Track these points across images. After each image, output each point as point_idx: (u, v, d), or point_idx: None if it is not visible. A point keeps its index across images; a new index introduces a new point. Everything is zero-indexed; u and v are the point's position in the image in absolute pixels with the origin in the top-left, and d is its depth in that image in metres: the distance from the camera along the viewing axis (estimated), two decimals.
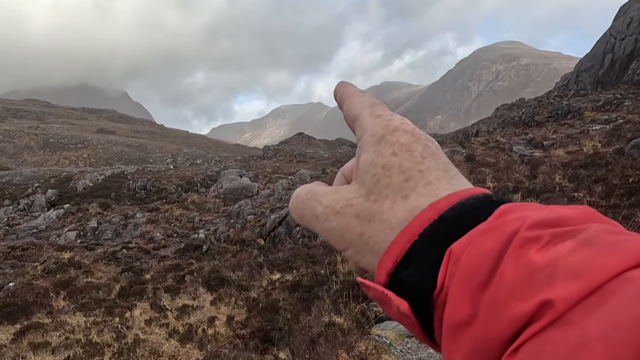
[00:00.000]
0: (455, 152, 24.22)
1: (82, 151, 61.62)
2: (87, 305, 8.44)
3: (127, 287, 9.26)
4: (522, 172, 17.23)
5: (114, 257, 12.23)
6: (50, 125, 73.97)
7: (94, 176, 29.10)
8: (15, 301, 8.69)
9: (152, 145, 68.88)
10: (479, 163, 20.30)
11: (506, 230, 0.33)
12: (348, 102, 0.45)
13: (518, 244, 0.32)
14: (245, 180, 25.33)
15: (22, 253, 13.04)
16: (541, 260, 0.31)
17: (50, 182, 29.47)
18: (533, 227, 0.33)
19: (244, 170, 29.44)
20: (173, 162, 46.48)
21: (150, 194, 26.12)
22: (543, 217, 0.34)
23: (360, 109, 0.44)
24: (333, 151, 46.76)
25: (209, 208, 19.69)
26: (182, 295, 8.80)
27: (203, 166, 35.53)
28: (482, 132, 33.50)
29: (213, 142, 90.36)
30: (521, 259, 0.31)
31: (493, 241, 0.33)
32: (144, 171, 30.98)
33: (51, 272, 10.82)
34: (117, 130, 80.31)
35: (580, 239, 0.31)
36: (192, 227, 15.89)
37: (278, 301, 7.93)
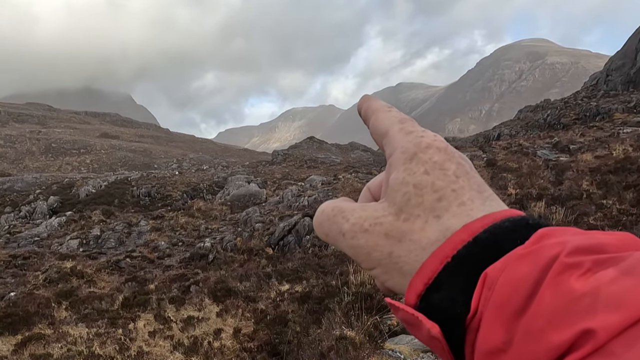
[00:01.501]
0: (475, 157, 24.13)
1: (85, 156, 62.55)
2: (90, 316, 8.59)
3: (131, 298, 9.40)
4: (546, 178, 17.11)
5: (117, 267, 12.41)
6: (52, 130, 75.27)
7: (96, 182, 29.54)
8: (16, 311, 8.87)
9: (157, 150, 69.66)
10: (501, 168, 20.21)
11: (545, 256, 0.33)
12: (375, 117, 0.45)
13: (558, 270, 0.32)
14: (253, 186, 25.49)
15: (23, 262, 13.29)
16: (582, 288, 0.31)
17: (52, 188, 29.97)
18: (573, 253, 0.33)
19: (252, 176, 29.63)
20: (178, 168, 46.95)
21: (154, 200, 26.43)
22: (583, 243, 0.33)
23: (389, 125, 0.44)
24: (345, 156, 46.82)
25: (216, 216, 19.87)
26: (187, 306, 8.91)
27: (209, 172, 35.84)
28: (504, 136, 33.31)
29: (220, 147, 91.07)
30: (561, 286, 0.32)
31: (531, 266, 0.33)
32: (149, 177, 31.37)
33: (53, 281, 11.03)
34: (121, 134, 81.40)
35: (622, 267, 0.31)
36: (198, 236, 16.05)
37: (287, 313, 7.99)
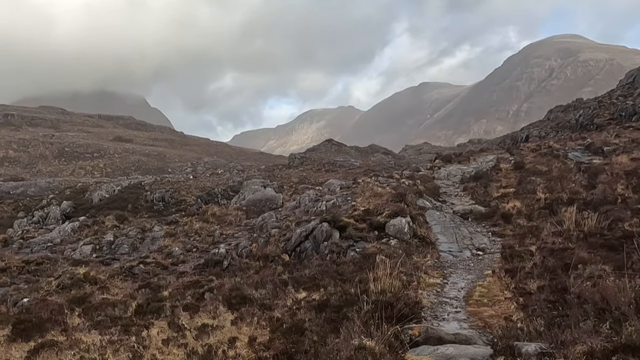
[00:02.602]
0: (502, 160, 23.85)
1: (98, 160, 63.74)
2: (103, 323, 8.75)
3: (144, 305, 9.55)
4: (578, 181, 16.82)
5: (131, 273, 12.63)
6: (65, 134, 76.91)
7: (110, 187, 30.08)
8: (29, 317, 9.09)
9: (171, 153, 70.58)
10: (529, 172, 19.94)
11: None
12: None
13: None
14: (270, 191, 25.63)
15: (36, 268, 13.62)
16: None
17: (65, 193, 30.62)
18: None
19: (268, 180, 29.79)
20: (193, 172, 47.45)
21: (168, 205, 26.79)
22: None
23: None
24: (365, 159, 46.73)
25: (231, 221, 20.05)
26: (202, 313, 9.00)
27: (224, 176, 36.17)
28: (533, 137, 32.85)
29: (235, 150, 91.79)
30: None
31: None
32: (162, 182, 31.82)
33: (66, 287, 11.27)
34: (135, 138, 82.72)
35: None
36: (213, 242, 16.22)
37: (304, 322, 8.01)
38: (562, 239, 9.95)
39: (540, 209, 14.12)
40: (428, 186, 19.58)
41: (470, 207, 16.32)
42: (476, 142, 63.94)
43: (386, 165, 39.96)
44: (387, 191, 18.20)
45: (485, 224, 14.47)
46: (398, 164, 41.50)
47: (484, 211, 15.57)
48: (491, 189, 18.41)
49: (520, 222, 13.40)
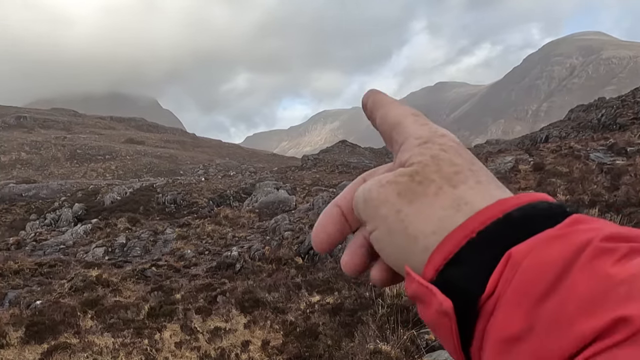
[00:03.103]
0: (521, 161, 23.67)
1: (110, 163, 64.53)
2: (116, 326, 8.87)
3: (157, 308, 9.66)
4: (600, 183, 16.63)
5: (143, 275, 12.77)
6: (77, 136, 78.03)
7: (122, 189, 30.44)
8: (42, 320, 9.25)
9: (183, 155, 71.21)
10: (549, 173, 19.76)
11: (578, 239, 0.33)
12: (385, 109, 0.48)
13: (592, 254, 0.32)
14: (282, 193, 25.74)
15: (49, 270, 13.84)
16: (618, 275, 0.31)
17: (77, 195, 31.07)
18: (608, 239, 0.33)
19: (280, 182, 29.91)
20: (204, 174, 47.80)
21: (180, 208, 27.03)
22: (619, 231, 0.34)
23: (402, 116, 0.46)
24: (380, 160, 46.66)
25: (243, 223, 20.18)
26: (214, 317, 9.09)
27: (236, 178, 36.40)
28: (553, 138, 32.54)
29: (247, 152, 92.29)
30: (595, 271, 0.32)
31: (562, 249, 0.33)
32: (174, 184, 32.12)
33: (78, 290, 11.44)
34: (147, 140, 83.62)
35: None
36: (225, 244, 16.34)
37: (317, 326, 8.04)
38: None
39: None
40: None
41: None
42: (494, 142, 63.45)
43: None
44: None
45: None
46: None
47: None
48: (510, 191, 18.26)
49: None
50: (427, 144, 0.42)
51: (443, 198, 0.39)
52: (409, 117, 0.46)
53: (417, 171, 0.41)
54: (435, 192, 0.40)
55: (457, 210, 0.39)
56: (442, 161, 0.41)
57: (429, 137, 0.43)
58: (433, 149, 0.42)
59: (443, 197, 0.39)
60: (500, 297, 0.34)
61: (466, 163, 0.41)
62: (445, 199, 0.39)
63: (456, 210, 0.39)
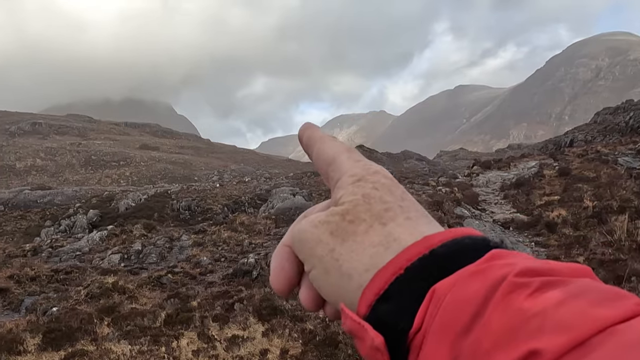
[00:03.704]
0: (545, 166, 23.38)
1: (125, 169, 65.38)
2: (132, 333, 8.97)
3: (173, 315, 9.75)
4: (629, 188, 16.36)
5: (159, 282, 12.89)
6: (92, 142, 79.27)
7: (136, 195, 30.81)
8: (59, 327, 9.39)
9: (197, 161, 71.83)
10: (576, 178, 19.49)
11: (494, 275, 0.36)
12: (320, 145, 0.51)
13: (506, 290, 0.34)
14: (299, 199, 25.80)
15: (65, 276, 14.05)
16: (530, 309, 0.33)
17: (91, 202, 31.52)
18: (522, 273, 0.35)
19: (297, 188, 29.98)
20: (219, 180, 48.13)
21: (194, 214, 27.26)
22: (532, 266, 0.36)
23: (336, 153, 0.49)
24: (397, 166, 46.52)
25: (259, 230, 20.26)
26: (232, 324, 9.14)
27: (252, 184, 36.58)
28: (578, 142, 32.11)
29: (262, 158, 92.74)
30: (509, 305, 0.34)
31: (479, 285, 0.35)
32: (189, 190, 32.41)
33: (95, 297, 11.59)
34: (161, 146, 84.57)
35: (570, 289, 0.33)
36: (241, 251, 16.42)
37: (337, 334, 8.03)
38: (612, 250, 9.70)
39: (587, 217, 13.79)
40: (466, 194, 19.36)
41: (512, 216, 16.06)
42: (516, 147, 62.85)
43: (420, 172, 39.69)
44: (423, 199, 18.08)
45: (527, 234, 14.22)
46: (433, 170, 41.16)
47: (526, 220, 15.30)
48: (534, 197, 18.08)
49: (566, 232, 13.11)
50: (360, 182, 0.45)
51: (373, 235, 0.42)
52: (343, 154, 0.48)
53: (348, 210, 0.44)
54: (365, 230, 0.42)
55: (386, 247, 0.41)
56: (372, 199, 0.44)
57: (362, 175, 0.46)
58: (365, 187, 0.45)
59: (373, 234, 0.42)
60: (427, 332, 0.36)
61: (396, 200, 0.44)
62: (375, 237, 0.42)
63: (385, 248, 0.41)
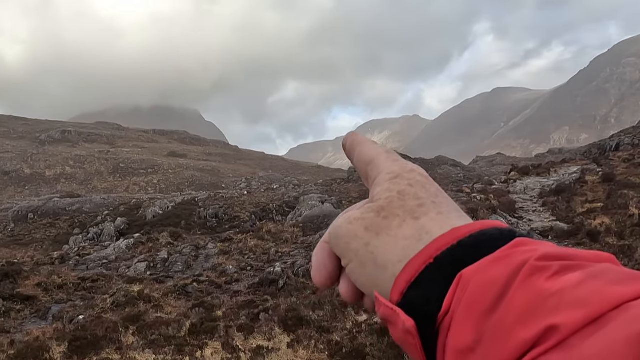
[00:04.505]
0: (588, 171, 22.78)
1: (152, 176, 66.72)
2: (157, 342, 9.13)
3: (198, 324, 9.88)
4: None
5: (185, 291, 13.09)
6: (120, 150, 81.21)
7: (164, 203, 31.41)
8: (85, 335, 9.65)
9: (225, 168, 72.75)
10: (620, 184, 18.94)
11: (516, 260, 0.41)
12: (361, 148, 0.57)
13: (528, 272, 0.39)
14: (328, 206, 25.82)
15: (92, 284, 14.42)
16: (550, 288, 0.38)
17: (119, 209, 32.28)
18: (543, 258, 0.40)
19: (325, 195, 30.01)
20: (247, 187, 48.59)
21: (222, 222, 27.59)
22: (554, 251, 0.41)
23: (375, 154, 0.55)
24: (432, 171, 45.96)
25: (287, 238, 20.36)
26: (257, 335, 9.20)
27: (280, 191, 36.81)
28: (625, 146, 31.17)
29: (291, 164, 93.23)
30: (530, 286, 0.38)
31: (502, 269, 0.40)
32: (216, 197, 32.84)
33: (120, 305, 11.86)
34: (189, 153, 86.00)
35: (589, 271, 0.38)
36: (268, 260, 16.53)
37: (365, 346, 8.00)
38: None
39: (633, 226, 13.39)
40: (502, 201, 19.05)
41: (551, 224, 15.71)
42: (557, 152, 61.44)
43: (455, 178, 39.20)
44: None
45: (568, 243, 13.87)
46: (468, 176, 40.61)
47: (566, 229, 14.94)
48: (575, 204, 17.64)
49: (610, 241, 12.75)
50: (396, 179, 0.50)
51: (406, 229, 0.47)
52: (382, 155, 0.54)
53: (383, 207, 0.49)
54: (399, 224, 0.47)
55: (418, 239, 0.46)
56: (407, 195, 0.49)
57: (399, 172, 0.51)
58: (401, 184, 0.50)
59: (406, 228, 0.47)
60: (454, 314, 0.41)
61: (430, 196, 0.49)
62: (407, 230, 0.47)
63: (418, 240, 0.46)
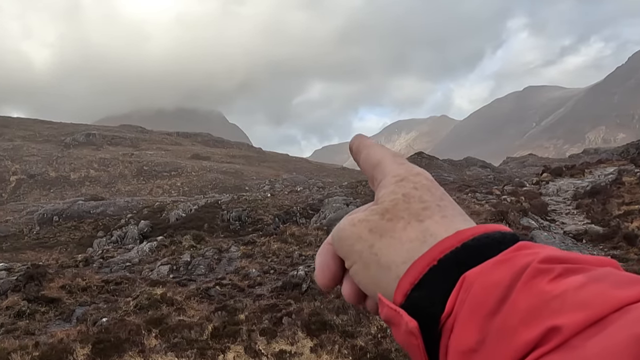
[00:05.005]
0: (625, 172, 22.26)
1: (176, 179, 67.64)
2: (179, 346, 9.25)
3: (221, 328, 9.97)
4: None
5: (207, 295, 13.23)
6: (144, 152, 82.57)
7: (187, 206, 31.81)
8: (108, 337, 9.83)
9: (249, 171, 73.29)
10: None
11: (519, 262, 0.42)
12: (368, 150, 0.58)
13: (530, 275, 0.40)
14: (352, 209, 25.69)
15: (115, 287, 14.68)
16: (553, 290, 0.39)
17: (143, 212, 32.82)
18: (545, 261, 0.41)
19: (350, 197, 29.99)
20: (270, 190, 48.85)
21: (245, 225, 27.80)
22: (556, 254, 0.42)
23: (382, 156, 0.56)
24: (460, 173, 45.62)
25: (310, 241, 20.40)
26: (279, 339, 9.24)
27: (304, 194, 36.92)
28: None
29: (315, 166, 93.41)
30: (533, 288, 0.40)
31: (505, 271, 0.42)
32: (239, 200, 33.10)
33: (143, 308, 12.04)
34: (212, 155, 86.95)
35: (591, 275, 0.39)
36: (291, 263, 16.59)
37: (390, 352, 7.97)
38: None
39: None
40: (534, 203, 18.74)
41: (585, 227, 15.39)
42: (592, 152, 60.16)
43: (484, 180, 38.73)
44: (486, 209, 17.69)
45: (603, 247, 13.57)
46: (498, 178, 40.06)
47: (601, 232, 14.61)
48: (611, 206, 17.24)
49: None
50: (402, 182, 0.52)
51: (410, 231, 0.48)
52: (388, 158, 0.55)
53: (388, 209, 0.50)
54: (403, 227, 0.48)
55: (422, 242, 0.47)
56: (412, 198, 0.50)
57: (405, 175, 0.52)
58: (406, 187, 0.51)
59: (410, 230, 0.48)
60: (457, 316, 0.42)
61: (435, 199, 0.50)
62: (412, 233, 0.48)
63: (422, 242, 0.47)
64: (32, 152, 76.65)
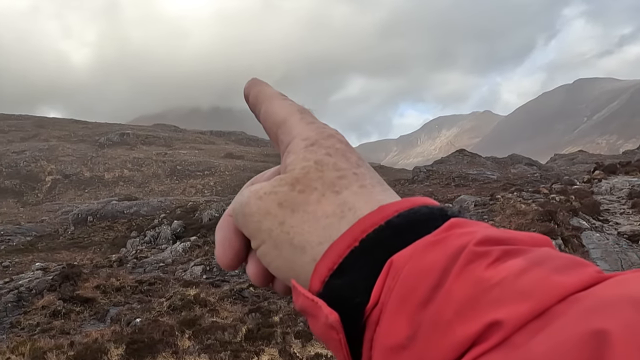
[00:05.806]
0: None
1: (209, 178, 68.67)
2: (213, 347, 9.38)
3: (254, 330, 10.06)
4: None
5: (241, 296, 13.37)
6: (177, 152, 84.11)
7: (220, 206, 32.22)
8: (142, 338, 10.04)
9: None
10: None
11: (453, 244, 0.36)
12: (268, 104, 0.50)
13: (467, 259, 0.35)
14: None
15: (149, 288, 15.00)
16: (491, 278, 0.34)
17: (176, 212, 33.42)
18: (482, 242, 0.36)
19: None
20: None
21: None
22: (493, 234, 0.37)
23: (287, 114, 0.48)
24: (504, 171, 44.78)
25: None
26: (314, 342, 9.25)
27: None
28: None
29: None
30: (470, 275, 0.34)
31: (438, 255, 0.36)
32: None
33: (177, 309, 12.26)
34: (246, 154, 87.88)
35: (531, 258, 0.34)
36: None
37: None
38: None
39: None
40: (585, 202, 18.22)
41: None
42: None
43: (530, 178, 37.88)
44: (533, 208, 17.31)
45: None
46: (545, 176, 39.13)
47: None
48: None
49: None
50: (312, 147, 0.45)
51: (326, 205, 0.42)
52: (295, 115, 0.48)
53: (298, 179, 0.43)
54: (317, 199, 0.42)
55: (340, 217, 0.41)
56: (325, 166, 0.43)
57: (316, 139, 0.45)
58: (318, 153, 0.44)
59: (326, 204, 0.42)
60: (384, 306, 0.36)
61: (351, 167, 0.44)
62: (328, 206, 0.41)
63: (340, 218, 0.41)
64: (67, 152, 79.10)
